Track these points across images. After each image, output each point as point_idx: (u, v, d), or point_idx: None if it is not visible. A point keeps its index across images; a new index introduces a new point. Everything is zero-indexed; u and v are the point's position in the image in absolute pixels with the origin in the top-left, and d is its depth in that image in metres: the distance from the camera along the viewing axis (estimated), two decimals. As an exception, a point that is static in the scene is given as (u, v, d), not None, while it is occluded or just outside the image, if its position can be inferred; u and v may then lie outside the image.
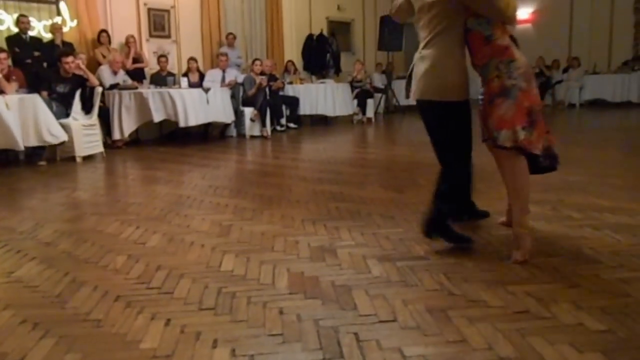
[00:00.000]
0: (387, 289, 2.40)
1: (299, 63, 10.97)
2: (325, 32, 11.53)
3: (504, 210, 3.35)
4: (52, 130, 5.96)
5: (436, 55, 2.79)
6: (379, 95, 11.82)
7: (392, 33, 11.80)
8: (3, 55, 6.12)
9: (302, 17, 11.33)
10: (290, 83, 9.85)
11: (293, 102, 9.50)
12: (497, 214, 3.48)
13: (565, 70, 13.71)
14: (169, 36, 9.12)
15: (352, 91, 10.66)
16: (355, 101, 10.67)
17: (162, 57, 8.52)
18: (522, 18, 15.45)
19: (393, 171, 5.48)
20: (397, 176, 5.20)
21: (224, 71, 8.75)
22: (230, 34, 9.62)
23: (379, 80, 11.99)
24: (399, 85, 12.43)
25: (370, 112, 10.78)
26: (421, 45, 2.90)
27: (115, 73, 7.80)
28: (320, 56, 11.16)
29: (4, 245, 3.16)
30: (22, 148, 5.72)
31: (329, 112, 10.12)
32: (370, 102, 10.80)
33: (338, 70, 11.56)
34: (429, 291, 2.37)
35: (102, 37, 7.99)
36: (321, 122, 10.54)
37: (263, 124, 8.52)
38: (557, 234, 3.14)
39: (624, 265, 2.61)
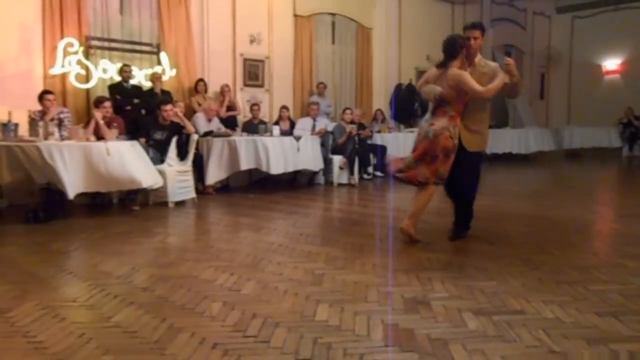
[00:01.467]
0: (484, 344, 2.33)
1: (387, 112, 10.91)
2: (414, 82, 11.46)
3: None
4: (149, 176, 6.13)
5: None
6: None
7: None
8: (107, 103, 6.44)
9: (392, 66, 11.35)
10: (379, 132, 9.77)
11: (381, 150, 9.38)
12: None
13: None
14: (262, 85, 9.37)
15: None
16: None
17: (254, 106, 8.73)
18: (610, 69, 15.12)
19: (482, 221, 5.16)
20: (486, 227, 4.96)
21: (314, 119, 8.83)
22: (321, 83, 9.75)
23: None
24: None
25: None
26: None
27: (209, 121, 8.05)
28: (409, 105, 11.06)
29: (102, 289, 3.16)
30: (136, 186, 5.86)
31: (418, 161, 9.87)
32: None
33: (426, 119, 11.38)
34: (529, 347, 2.30)
35: (199, 86, 8.33)
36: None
37: (351, 172, 8.45)
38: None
39: None
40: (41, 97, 6.03)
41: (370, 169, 9.13)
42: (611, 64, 15.29)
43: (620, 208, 6.63)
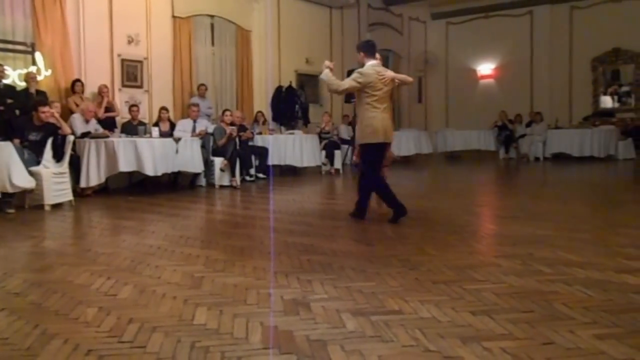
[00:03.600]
0: (362, 344, 2.39)
1: (268, 114, 11.18)
2: (294, 84, 11.84)
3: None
4: (20, 178, 5.91)
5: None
6: (346, 146, 12.08)
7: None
8: (-23, 103, 6.11)
9: (272, 69, 11.64)
10: (260, 133, 10.02)
11: (262, 152, 9.63)
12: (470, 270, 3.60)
13: (528, 125, 14.25)
14: (141, 86, 9.23)
15: (320, 142, 10.88)
16: (323, 152, 10.88)
17: (133, 107, 8.60)
18: (484, 73, 16.30)
19: (362, 223, 5.55)
20: (366, 228, 5.25)
21: (194, 121, 8.87)
22: (202, 84, 9.80)
23: (345, 132, 12.27)
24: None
25: (337, 163, 10.98)
26: (383, 107, 5.37)
27: (87, 121, 7.83)
28: (289, 107, 11.42)
29: (-29, 296, 3.11)
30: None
31: (298, 163, 10.26)
32: (337, 154, 11.01)
33: (306, 122, 11.83)
34: (405, 347, 2.36)
35: (76, 86, 8.06)
36: (290, 173, 10.67)
37: (232, 174, 8.60)
38: (529, 289, 3.17)
39: (597, 321, 2.63)
40: None
41: (252, 171, 9.32)
42: (485, 68, 16.12)
43: (497, 209, 6.76)
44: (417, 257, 3.97)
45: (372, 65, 5.40)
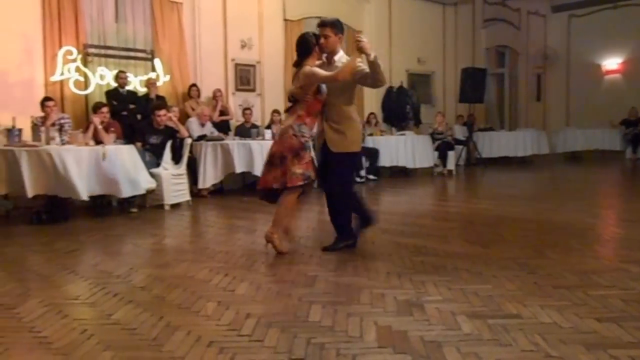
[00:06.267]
0: (479, 347, 2.32)
1: (379, 115, 11.07)
2: (405, 85, 11.65)
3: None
4: (143, 179, 6.29)
5: None
6: (460, 147, 11.68)
7: (474, 85, 11.74)
8: (105, 109, 6.61)
9: (383, 69, 11.51)
10: (371, 135, 9.94)
11: (373, 153, 9.55)
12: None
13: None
14: (253, 90, 9.53)
15: (433, 143, 10.60)
16: (436, 153, 10.59)
17: (246, 110, 8.89)
18: (610, 68, 14.99)
19: (476, 225, 5.34)
20: (481, 231, 5.08)
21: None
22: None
23: (460, 132, 11.86)
24: (480, 138, 12.29)
25: (451, 164, 10.64)
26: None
27: (203, 125, 8.21)
28: (400, 108, 11.24)
29: (102, 288, 3.32)
30: (122, 195, 6.03)
31: (409, 164, 10.09)
32: (451, 154, 10.67)
33: (418, 122, 11.57)
34: (525, 351, 2.27)
35: (192, 91, 8.48)
36: (401, 174, 10.49)
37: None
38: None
39: None
40: (42, 104, 6.26)
41: (362, 172, 9.27)
42: (612, 63, 14.83)
43: (622, 212, 6.45)
44: (536, 260, 3.82)
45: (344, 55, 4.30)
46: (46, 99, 6.42)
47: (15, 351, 2.37)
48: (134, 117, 7.49)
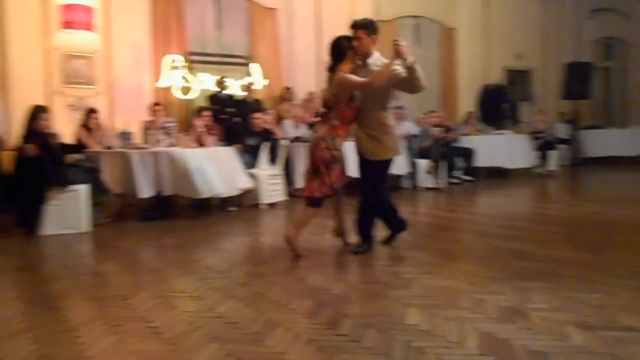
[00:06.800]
0: None
1: (477, 114, 10.72)
2: (502, 82, 11.19)
3: None
4: (241, 180, 6.55)
5: None
6: (563, 146, 11.02)
7: (578, 80, 11.06)
8: (207, 113, 6.96)
9: (478, 67, 11.16)
10: (466, 134, 9.66)
11: (468, 153, 9.28)
12: None
13: None
14: (347, 91, 9.59)
15: (533, 142, 10.09)
16: (537, 153, 10.07)
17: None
18: None
19: (583, 229, 5.03)
20: (588, 235, 4.78)
21: (398, 123, 8.89)
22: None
23: (562, 131, 11.19)
24: (586, 136, 11.53)
25: (553, 165, 10.07)
26: None
27: (297, 126, 8.38)
28: (497, 106, 10.80)
29: (206, 283, 3.49)
30: (223, 195, 6.31)
31: (507, 164, 9.67)
32: (552, 154, 10.11)
33: (516, 121, 11.06)
34: None
35: (286, 94, 8.71)
36: (498, 175, 10.09)
37: (437, 176, 8.43)
38: None
39: None
40: (150, 108, 6.67)
41: (457, 173, 9.04)
42: None
43: None
44: (653, 268, 3.54)
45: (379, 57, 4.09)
46: (154, 103, 6.93)
47: (130, 339, 2.56)
48: (233, 120, 7.81)
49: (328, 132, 3.95)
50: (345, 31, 4.04)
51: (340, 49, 3.98)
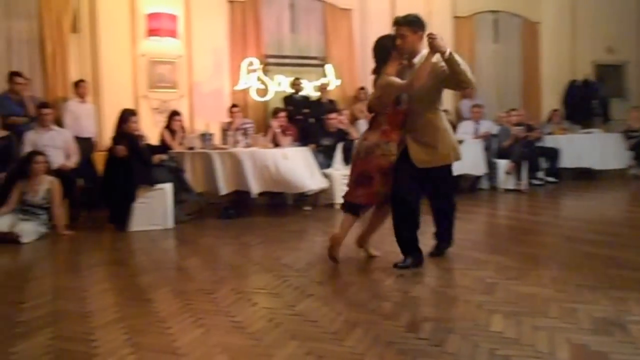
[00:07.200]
0: None
1: (561, 112, 10.20)
2: (591, 77, 10.56)
3: None
4: (316, 179, 6.59)
5: None
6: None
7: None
8: (283, 114, 7.08)
9: (564, 62, 10.60)
10: (550, 133, 9.22)
11: (552, 153, 8.85)
12: None
13: None
14: (422, 91, 9.43)
15: (626, 141, 9.44)
16: (631, 153, 9.41)
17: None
18: None
19: None
20: None
21: (477, 122, 8.64)
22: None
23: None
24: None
25: (650, 166, 9.38)
26: None
27: (372, 127, 8.34)
28: (585, 104, 10.20)
29: (284, 280, 3.53)
30: (305, 189, 6.39)
31: (596, 165, 9.11)
32: (648, 154, 9.42)
33: (607, 119, 10.41)
34: None
35: (360, 94, 8.67)
36: (584, 176, 9.55)
37: (519, 177, 8.10)
38: None
39: None
40: (229, 110, 6.89)
41: (540, 174, 8.65)
42: None
43: None
44: None
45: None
46: (232, 105, 7.15)
47: (215, 332, 2.62)
48: (308, 121, 7.89)
49: (381, 137, 3.74)
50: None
51: (384, 50, 3.74)
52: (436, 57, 3.52)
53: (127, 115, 5.56)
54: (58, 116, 6.50)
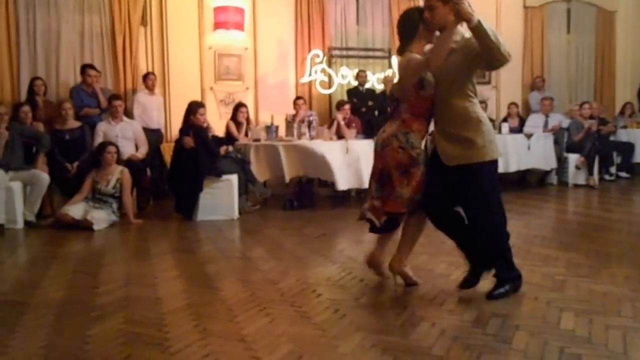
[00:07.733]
0: None
1: (637, 105, 9.68)
2: (670, 69, 9.95)
3: None
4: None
5: None
6: None
7: None
8: (347, 106, 7.08)
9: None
10: (624, 127, 8.77)
11: (626, 148, 8.43)
12: None
13: None
14: (489, 82, 9.18)
15: None
16: None
17: (481, 103, 8.60)
18: None
19: None
20: None
21: (547, 116, 8.34)
22: (538, 77, 9.14)
23: None
24: None
25: None
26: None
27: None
28: (664, 96, 9.65)
29: (349, 272, 3.57)
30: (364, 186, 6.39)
31: (675, 161, 8.62)
32: None
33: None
34: None
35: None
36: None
37: (590, 172, 7.77)
38: None
39: None
40: (294, 102, 6.97)
41: (613, 169, 8.27)
42: None
43: None
44: None
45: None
46: (297, 97, 7.25)
47: (281, 321, 2.69)
48: (372, 113, 7.86)
49: (399, 127, 3.07)
50: (488, 20, 3.03)
51: (410, 24, 3.07)
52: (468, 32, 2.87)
53: (194, 108, 5.71)
54: (127, 108, 6.79)
